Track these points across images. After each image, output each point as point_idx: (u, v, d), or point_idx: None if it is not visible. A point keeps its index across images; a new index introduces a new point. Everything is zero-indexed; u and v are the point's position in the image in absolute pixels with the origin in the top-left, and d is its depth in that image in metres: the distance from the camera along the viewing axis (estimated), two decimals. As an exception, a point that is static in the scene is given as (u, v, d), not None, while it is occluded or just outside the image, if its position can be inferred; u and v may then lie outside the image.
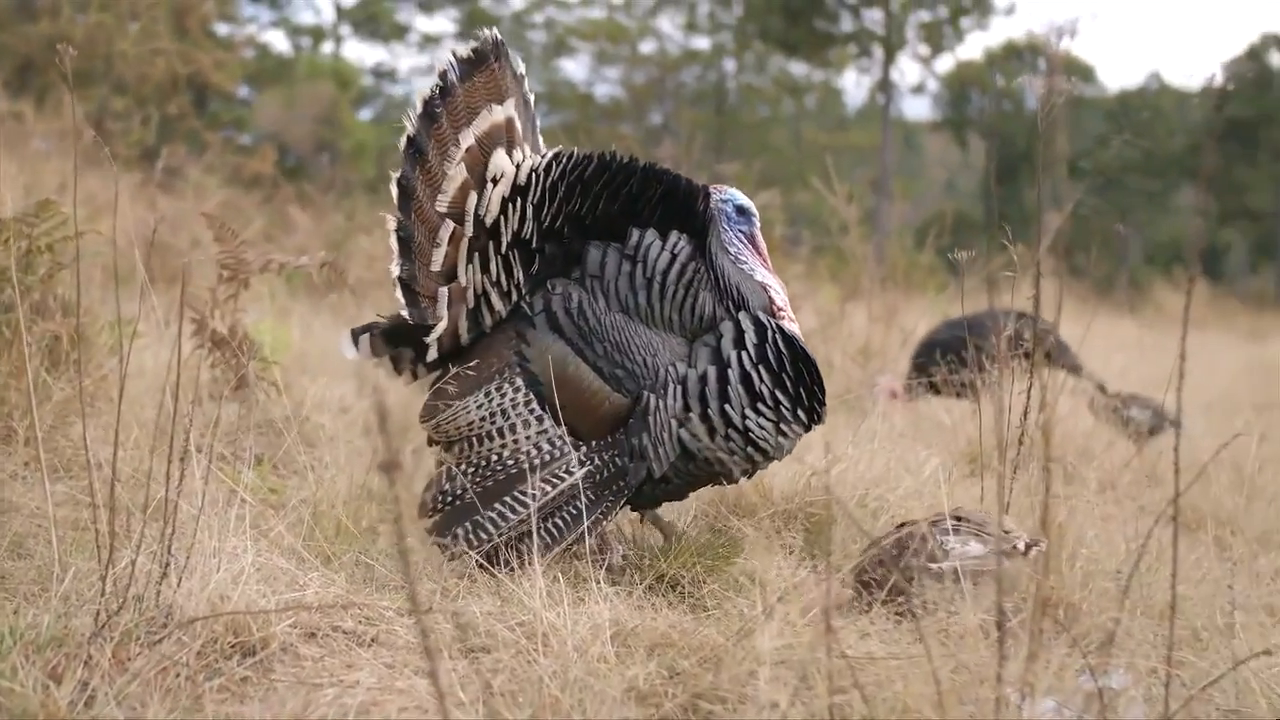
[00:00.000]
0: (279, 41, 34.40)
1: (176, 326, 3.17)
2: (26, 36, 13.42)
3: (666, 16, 34.83)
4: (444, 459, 3.27)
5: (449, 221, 3.28)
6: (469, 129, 3.29)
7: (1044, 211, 2.67)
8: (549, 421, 3.17)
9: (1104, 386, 6.15)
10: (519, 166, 3.28)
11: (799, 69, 34.15)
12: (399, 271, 3.30)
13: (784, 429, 3.16)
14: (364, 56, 54.95)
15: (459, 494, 3.16)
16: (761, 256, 3.35)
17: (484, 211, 3.26)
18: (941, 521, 3.04)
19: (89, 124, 11.12)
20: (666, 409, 3.12)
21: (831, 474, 3.72)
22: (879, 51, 31.72)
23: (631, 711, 2.32)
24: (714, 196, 3.31)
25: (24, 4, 14.53)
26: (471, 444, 3.20)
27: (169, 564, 2.52)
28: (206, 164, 12.01)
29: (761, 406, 3.13)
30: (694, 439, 3.12)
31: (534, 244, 3.26)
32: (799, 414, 3.18)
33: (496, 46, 3.33)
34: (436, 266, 3.29)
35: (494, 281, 3.26)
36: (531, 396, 3.19)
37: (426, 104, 3.29)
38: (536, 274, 3.26)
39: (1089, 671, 2.24)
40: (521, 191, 3.25)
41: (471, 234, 3.27)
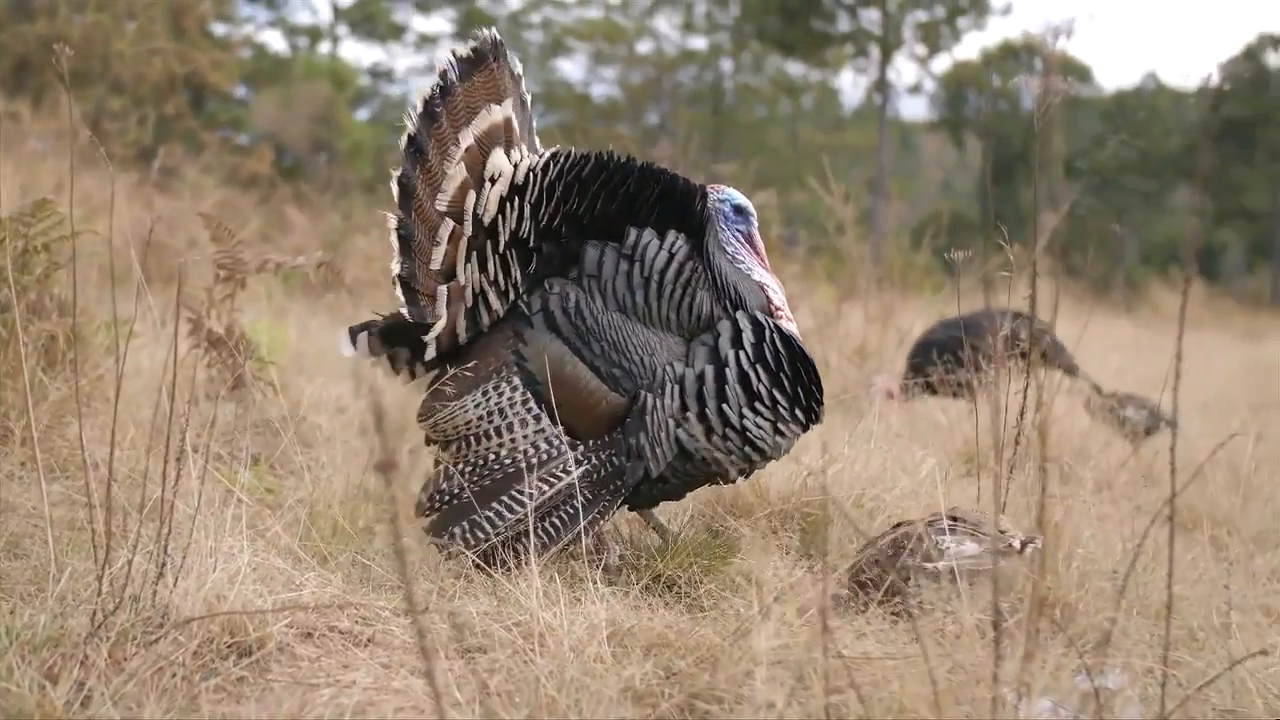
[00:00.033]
0: (276, 41, 34.54)
1: (173, 326, 3.16)
2: (23, 36, 13.42)
3: (663, 16, 34.96)
4: (441, 458, 3.27)
5: (448, 220, 3.27)
6: (468, 128, 3.29)
7: (1040, 211, 2.67)
8: (546, 420, 3.17)
9: (1099, 387, 6.16)
10: (517, 166, 3.28)
11: (796, 69, 34.22)
12: (399, 270, 3.29)
13: (781, 428, 3.16)
14: (361, 56, 54.91)
15: (456, 493, 3.15)
16: (759, 256, 3.35)
17: (482, 210, 3.26)
18: (937, 521, 3.04)
19: (86, 124, 11.12)
20: (664, 408, 3.12)
21: (828, 474, 3.72)
22: (876, 51, 31.79)
23: (628, 711, 2.32)
24: (711, 196, 3.31)
25: (21, 4, 14.52)
26: (469, 443, 3.20)
27: (165, 564, 2.51)
28: (203, 164, 12.02)
29: (759, 406, 3.12)
30: (691, 438, 3.12)
31: (531, 243, 3.25)
32: (797, 413, 3.18)
33: (495, 46, 3.34)
34: (436, 265, 3.29)
35: (492, 280, 3.26)
36: (529, 395, 3.19)
37: (427, 103, 3.29)
38: (534, 273, 3.26)
39: (1085, 671, 2.24)
40: (519, 191, 3.25)
41: (470, 233, 3.27)
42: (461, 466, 3.18)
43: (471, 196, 3.26)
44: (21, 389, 3.41)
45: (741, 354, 3.13)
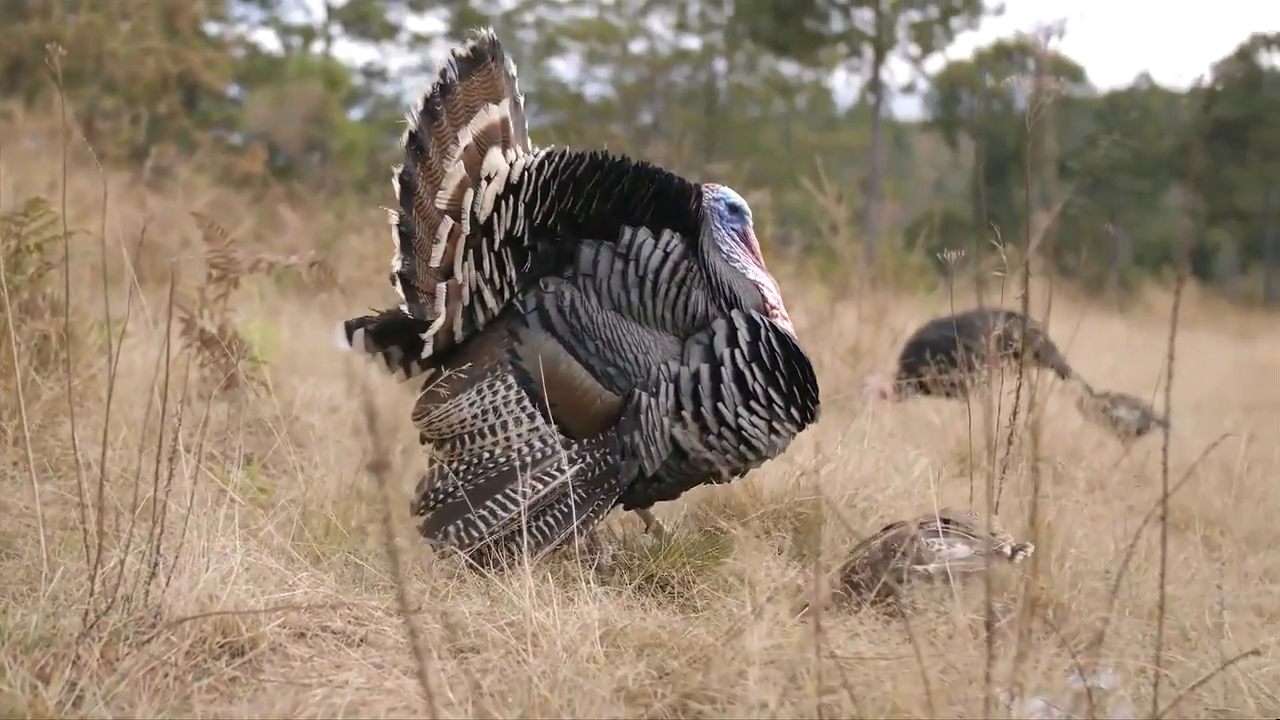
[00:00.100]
0: (269, 41, 34.51)
1: (165, 326, 3.15)
2: (17, 36, 13.38)
3: (657, 16, 34.83)
4: (436, 457, 3.27)
5: (448, 218, 3.28)
6: (467, 127, 3.30)
7: (1033, 211, 2.67)
8: (540, 419, 3.16)
9: (1090, 388, 6.17)
10: (512, 165, 3.28)
11: (789, 69, 34.17)
12: (400, 266, 3.29)
13: (777, 427, 3.16)
14: (354, 56, 54.93)
15: (450, 492, 3.15)
16: (754, 255, 3.35)
17: (478, 209, 3.26)
18: (929, 524, 3.04)
19: (78, 123, 11.11)
20: (658, 407, 3.12)
21: (820, 474, 3.72)
22: (869, 51, 31.77)
23: (621, 711, 2.32)
24: (706, 195, 3.31)
25: (14, 3, 14.50)
26: (463, 441, 3.20)
27: (158, 564, 2.51)
28: (196, 163, 12.00)
29: (754, 405, 3.12)
30: (686, 437, 3.12)
31: (526, 242, 3.26)
32: (792, 412, 3.17)
33: (493, 46, 3.35)
34: (435, 262, 3.29)
35: (487, 279, 3.26)
36: (523, 394, 3.19)
37: (428, 101, 3.30)
38: (529, 272, 3.26)
39: (1078, 671, 2.24)
40: (514, 189, 3.25)
41: (469, 231, 3.27)
42: (455, 465, 3.18)
43: (469, 195, 3.26)
44: (14, 388, 3.40)
45: (737, 352, 3.13)
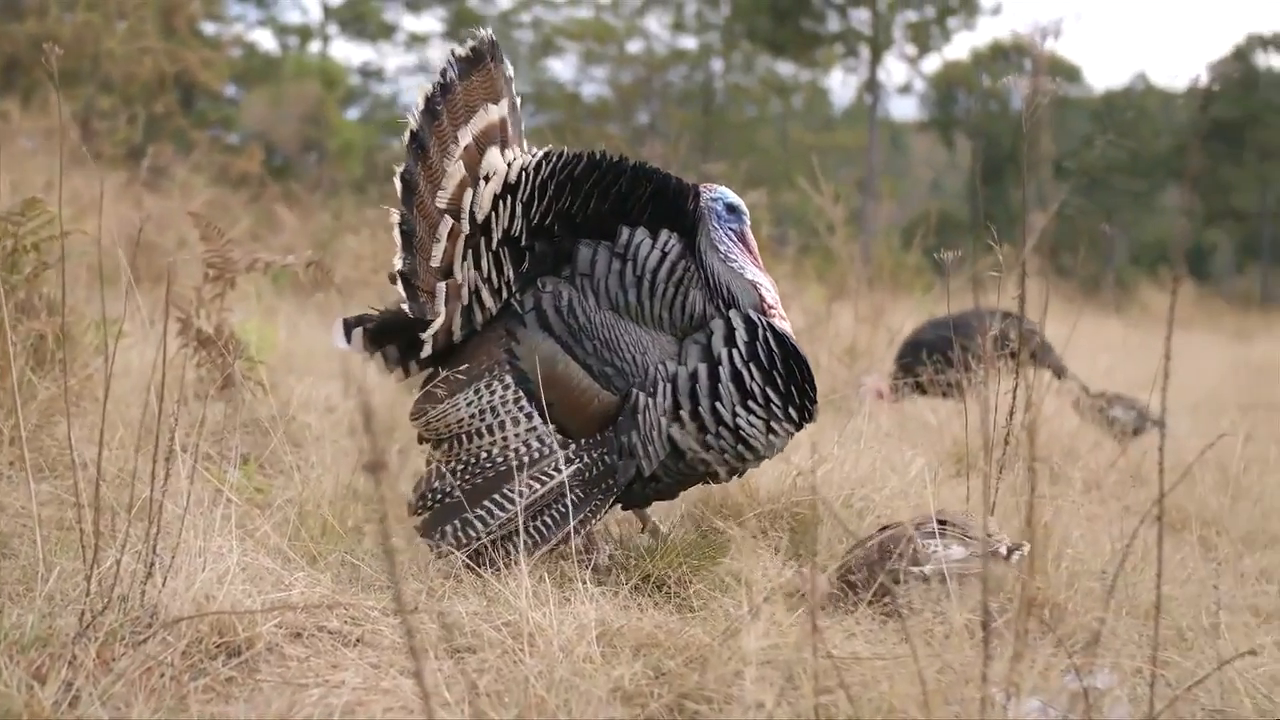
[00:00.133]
0: (266, 40, 34.50)
1: (162, 325, 3.16)
2: (13, 35, 13.38)
3: (654, 16, 34.83)
4: (433, 457, 3.27)
5: (448, 217, 3.28)
6: (467, 127, 3.31)
7: (1029, 211, 2.68)
8: (538, 419, 3.16)
9: (1087, 388, 6.17)
10: (510, 165, 3.28)
11: (786, 69, 34.17)
12: (401, 265, 3.30)
13: (774, 427, 3.16)
14: (351, 56, 54.79)
15: (447, 492, 3.15)
16: (752, 254, 3.35)
17: (477, 208, 3.26)
18: (924, 525, 3.04)
19: (75, 123, 11.10)
20: (656, 407, 3.12)
21: (817, 474, 3.72)
22: (866, 51, 31.78)
23: (617, 711, 2.32)
24: (704, 195, 3.31)
25: (11, 3, 14.49)
26: (460, 441, 3.20)
27: (154, 564, 2.51)
28: (193, 163, 11.98)
29: (752, 404, 3.12)
30: (684, 437, 3.12)
31: (523, 241, 3.26)
32: (790, 412, 3.17)
33: (492, 47, 3.35)
34: (435, 262, 3.29)
35: (485, 278, 3.27)
36: (521, 394, 3.19)
37: (429, 100, 3.31)
38: (527, 272, 3.27)
39: (1074, 671, 2.25)
40: (512, 189, 3.25)
41: (468, 231, 3.27)
42: (453, 465, 3.18)
43: (468, 194, 3.27)
44: (10, 388, 3.39)
45: (735, 352, 3.13)
